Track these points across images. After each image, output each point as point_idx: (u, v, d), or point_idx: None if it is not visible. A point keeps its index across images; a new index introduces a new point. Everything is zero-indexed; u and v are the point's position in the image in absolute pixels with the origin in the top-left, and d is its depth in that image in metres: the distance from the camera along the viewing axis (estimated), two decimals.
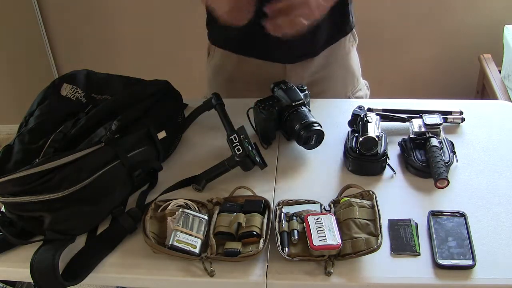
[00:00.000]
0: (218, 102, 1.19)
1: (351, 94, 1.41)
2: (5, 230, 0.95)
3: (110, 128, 0.99)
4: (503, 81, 2.14)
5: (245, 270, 0.89)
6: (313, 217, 0.92)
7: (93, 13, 2.43)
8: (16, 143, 1.01)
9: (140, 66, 2.45)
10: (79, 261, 0.92)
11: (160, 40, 2.46)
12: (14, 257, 0.95)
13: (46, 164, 0.91)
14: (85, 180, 0.94)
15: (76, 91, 1.14)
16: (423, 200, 1.01)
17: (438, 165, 1.01)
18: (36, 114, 1.08)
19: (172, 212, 0.96)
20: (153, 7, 2.38)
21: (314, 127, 1.08)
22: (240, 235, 0.92)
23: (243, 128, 1.09)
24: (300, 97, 1.13)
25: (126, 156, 1.00)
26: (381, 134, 1.09)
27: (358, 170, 1.07)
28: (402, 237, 0.92)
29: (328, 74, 1.36)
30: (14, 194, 0.92)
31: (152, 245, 0.91)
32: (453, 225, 0.93)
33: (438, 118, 1.13)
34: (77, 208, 0.95)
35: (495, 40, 2.25)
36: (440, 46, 2.36)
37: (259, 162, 1.06)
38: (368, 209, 0.94)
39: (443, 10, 2.27)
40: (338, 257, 0.88)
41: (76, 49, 2.55)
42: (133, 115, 1.06)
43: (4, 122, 2.78)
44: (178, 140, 1.19)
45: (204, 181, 1.06)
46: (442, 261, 0.87)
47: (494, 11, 2.25)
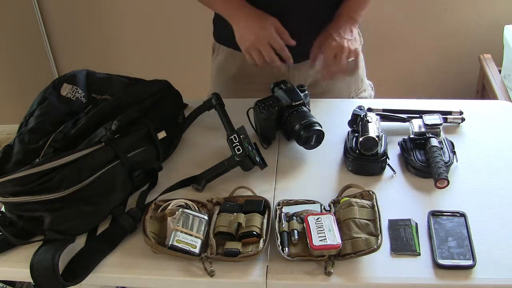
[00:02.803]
0: (218, 102, 1.19)
1: (355, 94, 1.41)
2: (5, 230, 0.95)
3: (110, 128, 0.99)
4: (503, 81, 2.14)
5: (245, 270, 0.89)
6: (313, 217, 0.92)
7: (93, 13, 2.43)
8: (16, 143, 1.01)
9: (140, 66, 2.45)
10: (79, 261, 0.92)
11: (160, 40, 2.46)
12: (14, 257, 0.95)
13: (46, 164, 0.91)
14: (85, 180, 0.94)
15: (76, 91, 1.14)
16: (423, 200, 1.01)
17: (438, 165, 1.01)
18: (36, 114, 1.08)
19: (172, 212, 0.96)
20: (153, 7, 2.38)
21: (314, 127, 1.08)
22: (240, 235, 0.92)
23: (243, 128, 1.09)
24: (300, 97, 1.13)
25: (126, 156, 1.00)
26: (381, 134, 1.09)
27: (358, 170, 1.07)
28: (402, 237, 0.92)
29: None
30: (14, 194, 0.92)
31: (152, 245, 0.91)
32: (453, 225, 0.93)
33: (438, 118, 1.13)
34: (77, 208, 0.95)
35: (495, 40, 2.25)
36: (440, 46, 2.35)
37: (259, 162, 1.06)
38: (368, 209, 0.94)
39: (443, 10, 2.27)
40: (338, 257, 0.88)
41: (76, 49, 2.55)
42: (133, 115, 1.06)
43: (4, 122, 2.78)
44: (178, 140, 1.19)
45: (204, 181, 1.06)
46: (442, 261, 0.87)
47: (494, 11, 2.25)
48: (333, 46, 1.17)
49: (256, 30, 1.16)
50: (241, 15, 1.19)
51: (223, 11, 1.24)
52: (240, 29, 1.19)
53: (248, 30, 1.17)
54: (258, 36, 1.15)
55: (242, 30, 1.19)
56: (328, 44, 1.18)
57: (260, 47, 1.16)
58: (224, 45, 1.38)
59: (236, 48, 1.31)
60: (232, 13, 1.21)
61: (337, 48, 1.17)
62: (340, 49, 1.17)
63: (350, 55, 1.18)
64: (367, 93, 1.44)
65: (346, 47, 1.17)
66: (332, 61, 1.18)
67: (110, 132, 0.98)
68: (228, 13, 1.22)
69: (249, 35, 1.17)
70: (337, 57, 1.17)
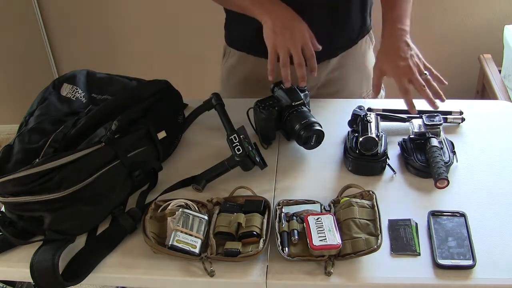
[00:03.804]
0: (218, 102, 1.19)
1: (366, 95, 1.41)
2: (5, 230, 0.95)
3: (110, 128, 0.99)
4: (503, 81, 2.14)
5: (245, 270, 0.89)
6: (313, 217, 0.92)
7: (94, 13, 2.43)
8: (16, 143, 1.01)
9: (140, 66, 2.46)
10: (79, 261, 0.92)
11: (161, 40, 2.46)
12: (14, 257, 0.95)
13: (46, 164, 0.91)
14: (85, 180, 0.94)
15: (76, 91, 1.14)
16: (423, 200, 1.01)
17: (438, 165, 1.01)
18: (36, 114, 1.08)
19: (172, 212, 0.96)
20: (153, 7, 2.38)
21: (314, 127, 1.08)
22: (240, 235, 0.92)
23: (243, 128, 1.09)
24: (300, 97, 1.13)
25: (126, 156, 1.00)
26: (381, 134, 1.09)
27: (358, 170, 1.07)
28: (402, 237, 0.92)
29: (343, 75, 1.36)
30: (14, 194, 0.92)
31: (152, 245, 0.91)
32: (453, 225, 0.93)
33: (438, 118, 1.13)
34: (77, 208, 0.95)
35: (495, 40, 2.25)
36: (440, 46, 2.35)
37: (259, 162, 1.06)
38: (368, 209, 0.94)
39: (443, 10, 2.27)
40: (338, 257, 0.88)
41: (76, 49, 2.55)
42: (133, 115, 1.06)
43: (4, 122, 2.78)
44: (178, 140, 1.19)
45: (204, 181, 1.06)
46: (442, 261, 0.87)
47: (494, 11, 2.25)
48: (401, 71, 1.09)
49: (293, 30, 1.10)
50: (277, 10, 1.13)
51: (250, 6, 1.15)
52: (272, 25, 1.10)
53: (284, 29, 1.10)
54: (293, 38, 1.09)
55: (276, 26, 1.10)
56: (394, 70, 1.11)
57: (292, 48, 1.08)
58: (236, 48, 1.37)
59: (249, 51, 1.31)
60: (267, 9, 1.13)
61: (407, 72, 1.09)
62: (410, 72, 1.09)
63: (422, 71, 1.10)
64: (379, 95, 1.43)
65: (413, 67, 1.09)
66: (408, 87, 1.09)
67: (110, 132, 0.98)
68: (260, 9, 1.13)
69: (283, 34, 1.09)
70: (414, 82, 1.08)
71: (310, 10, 1.20)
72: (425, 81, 1.09)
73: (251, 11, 1.15)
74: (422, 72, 1.10)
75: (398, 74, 1.10)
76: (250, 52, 1.32)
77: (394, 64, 1.11)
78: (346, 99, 1.37)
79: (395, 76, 1.10)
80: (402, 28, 1.16)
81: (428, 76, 1.10)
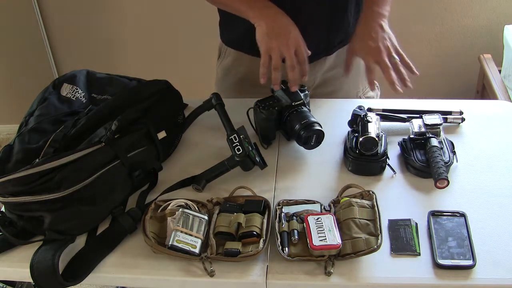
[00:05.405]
0: (218, 102, 1.19)
1: (362, 94, 1.41)
2: (5, 230, 0.95)
3: (110, 128, 0.99)
4: (503, 81, 2.14)
5: (245, 270, 0.89)
6: (313, 217, 0.92)
7: (93, 13, 2.43)
8: (16, 143, 1.01)
9: (140, 66, 2.46)
10: (79, 261, 0.92)
11: (160, 40, 2.46)
12: (14, 257, 0.95)
13: (46, 164, 0.91)
14: (85, 180, 0.94)
15: (76, 91, 1.14)
16: (423, 200, 1.01)
17: (438, 165, 1.01)
18: (36, 114, 1.08)
19: (172, 212, 0.96)
20: (153, 7, 2.38)
21: (314, 127, 1.08)
22: (240, 235, 0.92)
23: (243, 128, 1.09)
24: (300, 97, 1.13)
25: (126, 156, 1.00)
26: (381, 134, 1.09)
27: (358, 170, 1.07)
28: (402, 237, 0.92)
29: (340, 74, 1.36)
30: (14, 194, 0.92)
31: (152, 245, 0.91)
32: (453, 225, 0.93)
33: (438, 118, 1.13)
34: (77, 208, 0.95)
35: (495, 40, 2.25)
36: (440, 46, 2.35)
37: (259, 162, 1.06)
38: (368, 209, 0.94)
39: (443, 10, 2.27)
40: (338, 257, 0.88)
41: (76, 49, 2.55)
42: (133, 115, 1.06)
43: (4, 122, 2.78)
44: (178, 140, 1.19)
45: (204, 181, 1.06)
46: (442, 261, 0.87)
47: (494, 11, 2.25)
48: (370, 51, 1.10)
49: (287, 35, 1.10)
50: (271, 14, 1.13)
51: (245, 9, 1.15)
52: (267, 29, 1.10)
53: (278, 33, 1.10)
54: (288, 42, 1.09)
55: (270, 30, 1.10)
56: (363, 49, 1.11)
57: (285, 51, 1.08)
58: (232, 47, 1.36)
59: (245, 50, 1.30)
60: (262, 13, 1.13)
61: (375, 52, 1.09)
62: (379, 52, 1.09)
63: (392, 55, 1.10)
64: (374, 93, 1.43)
65: (383, 48, 1.10)
66: (374, 67, 1.10)
67: (110, 132, 0.98)
68: (252, 12, 1.14)
69: (277, 38, 1.09)
70: (381, 63, 1.09)
71: (308, 7, 1.20)
72: (393, 65, 1.09)
73: (246, 13, 1.15)
74: (391, 55, 1.10)
75: (366, 53, 1.11)
76: (245, 51, 1.32)
77: (364, 44, 1.12)
78: (346, 99, 1.37)
79: (363, 55, 1.12)
80: (379, 12, 1.17)
81: (396, 61, 1.10)
